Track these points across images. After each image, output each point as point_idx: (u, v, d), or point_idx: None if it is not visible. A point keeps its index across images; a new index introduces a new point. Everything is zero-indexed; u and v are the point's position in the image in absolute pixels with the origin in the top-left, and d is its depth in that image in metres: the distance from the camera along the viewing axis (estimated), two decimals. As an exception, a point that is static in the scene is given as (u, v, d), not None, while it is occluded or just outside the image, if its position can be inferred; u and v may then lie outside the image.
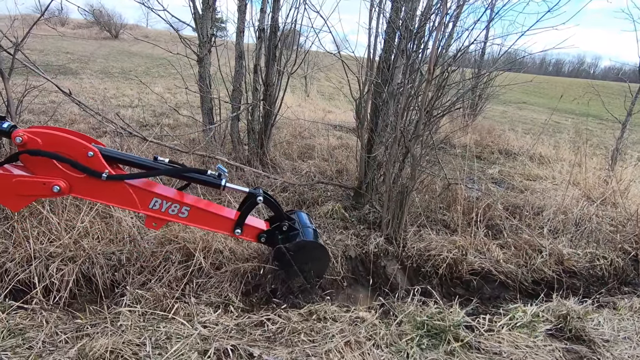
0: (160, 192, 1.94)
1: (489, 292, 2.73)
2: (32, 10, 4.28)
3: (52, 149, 1.73)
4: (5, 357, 1.61)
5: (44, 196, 1.83)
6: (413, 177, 3.10)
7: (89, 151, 1.77)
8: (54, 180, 1.75)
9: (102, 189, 1.84)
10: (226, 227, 2.09)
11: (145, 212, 1.93)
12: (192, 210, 1.99)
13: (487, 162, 6.47)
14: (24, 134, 1.68)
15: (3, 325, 1.79)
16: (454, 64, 3.14)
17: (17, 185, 1.73)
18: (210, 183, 2.05)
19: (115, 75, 13.34)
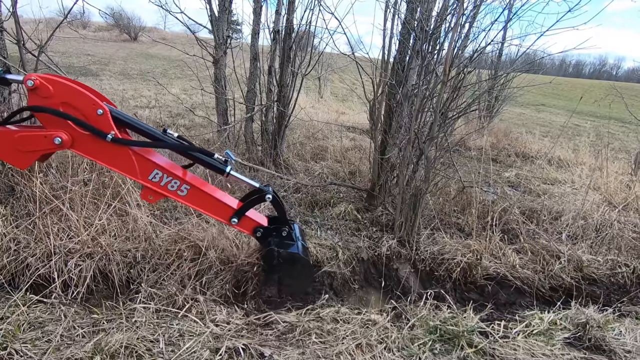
0: (163, 164, 1.87)
1: (504, 298, 2.67)
2: (56, 13, 4.42)
3: (61, 99, 1.68)
4: (25, 349, 1.66)
5: (47, 150, 1.74)
6: (427, 179, 3.06)
7: (99, 109, 1.72)
8: (56, 132, 1.69)
9: (104, 150, 1.78)
10: (224, 215, 2.01)
11: (143, 182, 1.87)
12: (192, 190, 1.92)
13: (503, 165, 6.34)
14: (36, 78, 1.63)
15: (24, 318, 1.84)
16: (470, 65, 3.09)
17: (19, 141, 1.70)
18: (214, 167, 1.98)
19: (134, 77, 13.65)
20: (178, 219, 2.91)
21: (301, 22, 4.33)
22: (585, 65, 75.12)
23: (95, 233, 2.46)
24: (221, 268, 2.39)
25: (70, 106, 1.70)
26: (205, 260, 2.39)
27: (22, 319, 1.83)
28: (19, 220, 2.44)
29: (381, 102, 3.74)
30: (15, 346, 1.66)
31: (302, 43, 4.60)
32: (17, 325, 1.78)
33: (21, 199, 2.59)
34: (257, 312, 2.10)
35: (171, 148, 1.93)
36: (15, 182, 2.61)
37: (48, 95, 1.67)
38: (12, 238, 2.30)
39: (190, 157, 2.01)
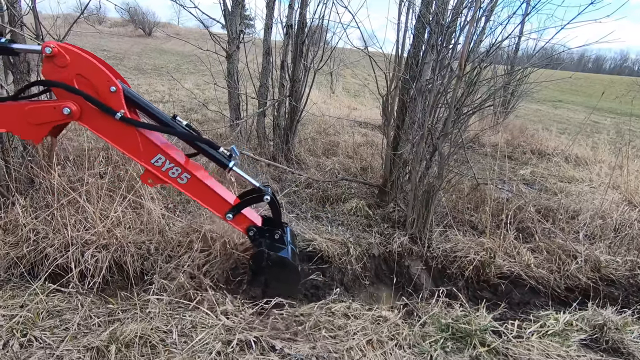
0: (167, 150, 1.86)
1: (518, 297, 2.62)
2: (73, 9, 4.50)
3: (77, 70, 1.67)
4: (44, 336, 1.71)
5: (57, 121, 1.73)
6: (440, 176, 3.02)
7: (112, 86, 1.70)
8: (64, 103, 1.68)
9: (111, 127, 1.76)
10: (220, 209, 2.00)
11: (145, 165, 1.86)
12: (192, 179, 1.91)
13: (518, 163, 6.21)
14: (55, 46, 1.61)
15: (43, 306, 1.90)
16: (486, 60, 3.02)
17: (30, 114, 1.70)
18: (218, 160, 1.97)
19: (148, 72, 13.82)
20: (191, 212, 2.94)
21: (314, 16, 4.31)
22: (606, 60, 72.59)
23: (111, 225, 2.51)
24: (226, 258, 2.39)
25: (84, 79, 1.69)
26: (214, 252, 2.40)
27: (41, 307, 1.88)
28: (38, 211, 2.50)
29: (394, 97, 3.69)
30: (34, 333, 1.71)
31: (315, 37, 4.57)
32: (37, 313, 1.83)
33: (40, 190, 2.65)
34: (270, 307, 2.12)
35: (178, 135, 1.91)
36: (35, 174, 2.67)
37: (64, 64, 1.65)
38: (32, 228, 2.36)
39: (196, 147, 1.99)
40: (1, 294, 1.97)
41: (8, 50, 1.71)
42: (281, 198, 3.47)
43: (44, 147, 2.79)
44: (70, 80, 1.69)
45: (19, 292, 2.03)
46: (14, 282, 2.15)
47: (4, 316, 1.79)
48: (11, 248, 2.29)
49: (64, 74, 1.67)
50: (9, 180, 2.58)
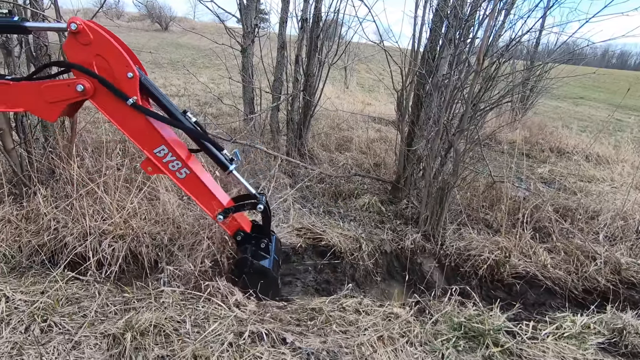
0: (171, 143, 1.87)
1: (533, 298, 2.57)
2: (93, 4, 4.57)
3: (98, 50, 1.67)
4: (63, 322, 1.76)
5: (71, 99, 1.74)
6: (455, 173, 2.97)
7: (130, 72, 1.71)
8: (78, 80, 1.69)
9: (121, 111, 1.78)
10: (212, 208, 2.02)
11: (148, 153, 1.87)
12: (190, 175, 1.93)
13: (536, 161, 6.06)
14: (80, 23, 1.62)
15: (62, 293, 1.95)
16: (505, 55, 2.94)
17: (45, 92, 1.71)
18: (219, 161, 1.99)
19: (164, 66, 13.98)
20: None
21: (329, 10, 4.27)
22: (631, 55, 69.48)
23: (127, 216, 2.56)
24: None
25: (104, 60, 1.70)
26: (227, 247, 2.43)
27: (60, 294, 1.94)
28: (58, 201, 2.57)
29: (409, 92, 3.64)
30: (54, 319, 1.76)
31: (330, 32, 4.54)
32: (56, 300, 1.89)
33: (60, 181, 2.72)
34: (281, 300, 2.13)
35: (185, 130, 1.92)
36: (55, 164, 2.74)
37: (87, 42, 1.66)
38: (52, 218, 2.43)
39: (201, 144, 2.01)
40: (23, 281, 2.04)
41: (20, 29, 1.71)
42: (294, 192, 3.48)
43: (64, 138, 2.86)
44: (89, 59, 1.70)
45: (39, 278, 2.10)
46: (35, 269, 2.23)
47: (25, 302, 1.86)
48: (33, 236, 2.37)
49: (85, 51, 1.68)
50: (31, 170, 2.66)
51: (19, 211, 2.50)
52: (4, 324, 1.71)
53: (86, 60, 1.70)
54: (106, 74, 1.72)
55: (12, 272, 2.20)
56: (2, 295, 1.84)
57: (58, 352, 1.60)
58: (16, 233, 2.37)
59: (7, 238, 2.31)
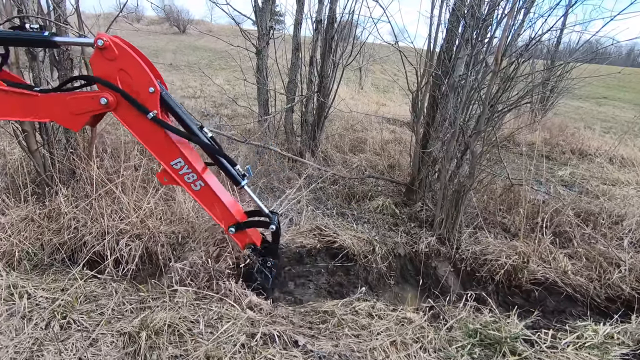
0: (188, 156, 1.93)
1: (552, 305, 2.49)
2: (114, 8, 4.70)
3: (122, 65, 1.74)
4: (81, 319, 1.81)
5: (95, 111, 1.81)
6: (471, 175, 2.91)
7: (151, 87, 1.78)
8: (102, 93, 1.76)
9: (141, 124, 1.84)
10: (225, 221, 2.08)
11: (165, 165, 1.94)
12: (205, 188, 1.99)
13: (556, 163, 5.89)
14: (107, 40, 1.69)
15: (81, 291, 2.01)
16: (525, 55, 2.87)
17: (70, 104, 1.79)
18: (232, 176, 2.05)
19: (182, 68, 14.24)
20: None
21: (344, 11, 4.25)
22: (659, 53, 66.73)
23: (144, 216, 2.61)
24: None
25: (127, 74, 1.77)
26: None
27: (79, 292, 1.99)
28: (78, 200, 2.65)
29: (425, 93, 3.59)
30: (73, 316, 1.81)
31: (345, 33, 4.52)
32: (75, 297, 1.94)
33: (80, 181, 2.80)
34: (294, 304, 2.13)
35: (201, 145, 1.99)
36: (76, 165, 2.82)
37: (112, 57, 1.73)
38: (73, 217, 2.50)
39: (215, 159, 2.07)
40: (45, 278, 2.11)
41: (50, 43, 1.79)
42: (307, 194, 3.48)
43: (85, 140, 2.94)
44: (114, 74, 1.77)
45: (60, 276, 2.16)
46: (56, 267, 2.30)
47: (47, 298, 1.92)
48: (54, 234, 2.44)
49: (109, 66, 1.76)
50: (53, 170, 2.74)
51: (42, 210, 2.58)
52: (25, 319, 1.77)
53: (110, 75, 1.77)
54: (129, 88, 1.79)
55: (34, 269, 2.27)
56: (25, 292, 1.91)
57: (76, 348, 1.64)
58: (39, 231, 2.45)
59: (30, 236, 2.39)
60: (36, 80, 2.62)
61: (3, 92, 1.76)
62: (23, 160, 2.85)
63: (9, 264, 2.21)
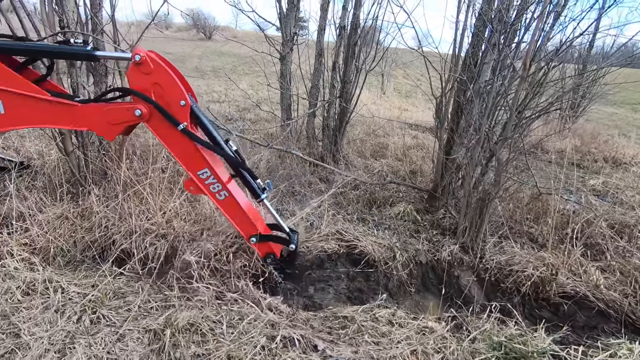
0: (214, 167, 2.02)
1: (583, 321, 2.38)
2: (144, 16, 4.90)
3: (156, 79, 1.85)
4: (110, 315, 1.88)
5: (130, 121, 1.93)
6: (497, 183, 2.84)
7: (183, 100, 1.88)
8: (136, 105, 1.87)
9: (171, 135, 1.94)
10: (246, 231, 2.17)
11: (192, 174, 2.03)
12: (229, 198, 2.07)
13: (588, 172, 5.65)
14: (144, 55, 1.80)
15: (110, 287, 2.09)
16: (555, 60, 2.78)
17: (107, 114, 1.90)
18: (253, 189, 2.14)
19: (207, 73, 14.64)
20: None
21: (367, 17, 4.26)
22: (702, 57, 62.68)
23: (169, 216, 2.69)
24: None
25: (161, 88, 1.87)
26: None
27: (108, 288, 2.08)
28: (109, 200, 2.76)
29: (449, 99, 3.54)
30: (102, 311, 1.88)
31: (368, 38, 4.53)
32: (105, 293, 2.02)
33: (111, 182, 2.92)
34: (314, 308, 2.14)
35: (226, 158, 2.08)
36: (108, 166, 2.95)
37: (148, 72, 1.84)
38: (103, 216, 2.61)
39: (238, 172, 2.15)
40: (77, 274, 2.21)
41: (92, 57, 1.94)
42: (328, 198, 3.49)
43: (116, 142, 3.06)
44: (148, 87, 1.88)
45: (91, 272, 2.26)
46: (87, 264, 2.40)
47: (78, 293, 2.01)
48: (86, 232, 2.55)
49: (145, 80, 1.87)
50: (87, 171, 2.88)
51: (75, 209, 2.70)
52: (59, 313, 1.86)
53: (145, 88, 1.88)
54: (161, 101, 1.89)
55: (67, 265, 2.38)
56: (59, 287, 2.00)
57: (105, 343, 1.71)
58: (72, 229, 2.57)
59: (65, 233, 2.51)
60: (73, 85, 2.77)
61: (47, 102, 1.89)
62: (59, 161, 3.01)
63: (45, 259, 2.33)
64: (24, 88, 1.87)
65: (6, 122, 1.94)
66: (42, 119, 1.94)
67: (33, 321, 1.78)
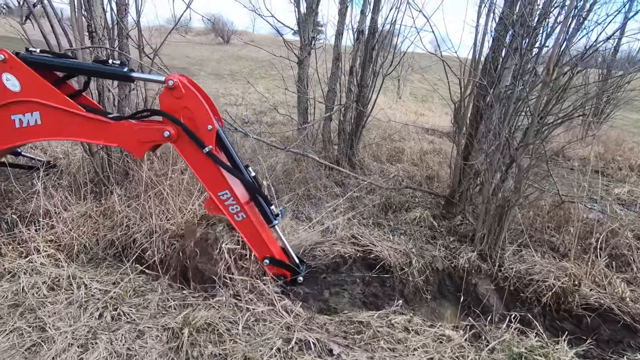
0: (234, 189, 2.10)
1: (607, 334, 2.30)
2: (165, 21, 5.03)
3: (186, 103, 1.95)
4: (130, 312, 1.92)
5: (158, 141, 2.03)
6: (517, 190, 2.78)
7: (210, 124, 1.97)
8: (165, 126, 1.96)
9: (196, 156, 2.03)
10: (261, 253, 2.22)
11: (212, 195, 2.11)
12: (246, 220, 2.15)
13: (612, 180, 5.46)
14: (177, 80, 1.89)
15: (130, 285, 2.14)
16: (580, 65, 2.71)
17: (138, 133, 2.00)
18: (265, 213, 2.20)
19: (225, 77, 14.89)
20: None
21: (385, 22, 4.27)
22: None
23: (188, 217, 2.74)
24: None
25: (190, 111, 1.97)
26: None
27: (129, 286, 2.13)
28: (130, 200, 2.83)
29: (468, 104, 3.49)
30: (123, 308, 1.93)
31: (385, 42, 4.52)
32: (125, 291, 2.07)
33: (132, 182, 3.00)
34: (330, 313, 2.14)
35: (244, 183, 2.15)
36: (130, 167, 3.03)
37: (179, 96, 1.93)
38: (125, 215, 2.68)
39: (254, 197, 2.21)
40: (99, 271, 2.27)
41: (128, 78, 2.05)
42: (343, 202, 3.49)
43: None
44: (178, 109, 1.97)
45: (112, 270, 2.32)
46: (109, 261, 2.46)
47: (100, 290, 2.06)
48: (108, 231, 2.63)
49: (175, 103, 1.96)
50: (110, 171, 2.96)
51: (98, 208, 2.79)
52: (82, 309, 1.91)
53: (175, 110, 1.97)
54: (190, 124, 1.97)
55: (90, 262, 2.45)
56: (82, 283, 2.06)
57: (125, 339, 1.75)
58: (95, 227, 2.64)
59: (88, 231, 2.59)
60: (99, 88, 2.86)
61: (82, 117, 2.00)
62: (84, 161, 3.11)
63: (69, 256, 2.40)
64: (62, 103, 1.97)
65: (42, 132, 2.06)
66: (76, 133, 2.05)
67: (57, 316, 1.84)
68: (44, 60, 2.01)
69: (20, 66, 1.94)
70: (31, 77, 1.95)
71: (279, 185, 3.70)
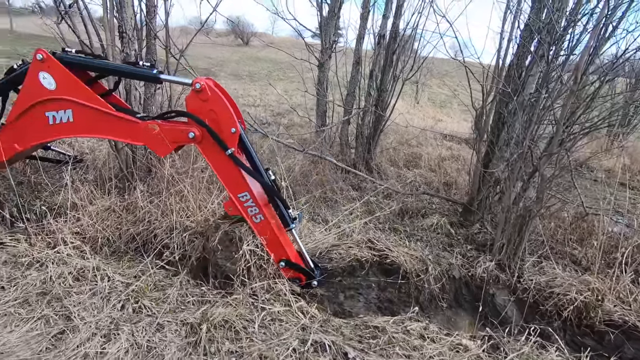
0: (254, 191, 2.13)
1: (631, 353, 2.22)
2: (188, 23, 5.15)
3: (211, 106, 1.99)
4: (150, 306, 1.97)
5: (182, 142, 2.09)
6: (539, 200, 2.72)
7: (233, 127, 2.01)
8: (191, 128, 2.01)
9: (218, 158, 2.07)
10: (277, 255, 2.24)
11: (232, 196, 2.14)
12: (264, 222, 2.17)
13: (639, 193, 5.27)
14: (204, 84, 1.94)
15: (151, 279, 2.19)
16: (610, 73, 2.64)
17: (164, 133, 2.06)
18: (283, 216, 2.22)
19: (244, 78, 15.11)
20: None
21: (407, 26, 4.25)
22: None
23: (207, 214, 2.79)
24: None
25: (215, 114, 2.01)
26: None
27: (149, 280, 2.18)
28: (152, 196, 2.90)
29: (489, 110, 3.44)
30: (144, 302, 1.98)
31: (407, 47, 4.51)
32: (146, 285, 2.12)
33: (155, 179, 3.07)
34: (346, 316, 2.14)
35: (263, 186, 2.18)
36: (152, 164, 3.11)
37: (205, 99, 1.99)
38: (147, 211, 2.74)
39: (272, 200, 2.23)
40: (121, 264, 2.34)
41: (157, 80, 2.13)
42: (359, 206, 3.48)
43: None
44: (204, 112, 2.02)
45: (134, 264, 2.38)
46: (131, 255, 2.53)
47: (122, 283, 2.12)
48: (131, 225, 2.69)
49: (201, 105, 2.01)
50: (134, 168, 3.05)
51: (121, 202, 2.86)
52: (105, 300, 1.97)
53: (201, 112, 2.02)
54: (214, 126, 2.02)
55: (112, 255, 2.53)
56: (105, 275, 2.13)
57: (145, 331, 1.79)
58: (118, 221, 2.72)
59: (111, 225, 2.66)
60: (127, 87, 2.95)
61: (112, 116, 2.08)
62: (109, 156, 3.20)
63: (93, 248, 2.48)
64: (94, 102, 2.05)
65: (73, 129, 2.15)
66: (106, 131, 2.13)
67: (82, 305, 1.90)
68: (79, 60, 2.10)
69: (57, 66, 2.03)
70: (66, 77, 2.03)
71: (296, 186, 3.72)
